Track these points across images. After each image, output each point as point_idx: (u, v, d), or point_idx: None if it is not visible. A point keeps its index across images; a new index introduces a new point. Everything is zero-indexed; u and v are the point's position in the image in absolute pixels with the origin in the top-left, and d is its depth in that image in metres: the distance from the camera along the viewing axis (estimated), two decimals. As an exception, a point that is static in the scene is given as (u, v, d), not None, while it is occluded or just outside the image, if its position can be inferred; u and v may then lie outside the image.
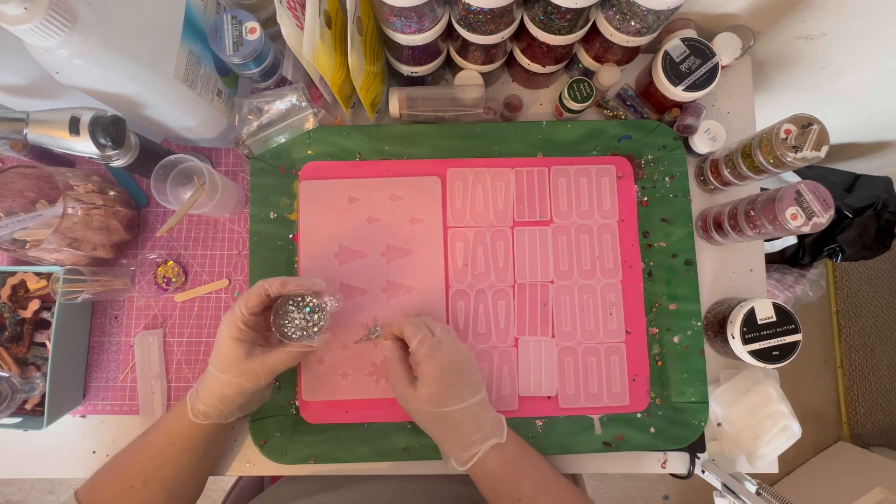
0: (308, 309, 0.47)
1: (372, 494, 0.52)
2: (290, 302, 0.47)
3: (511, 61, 0.58)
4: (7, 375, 0.49)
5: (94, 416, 0.56)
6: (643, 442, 0.53)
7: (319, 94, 0.57)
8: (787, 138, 0.46)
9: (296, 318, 0.47)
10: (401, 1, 0.41)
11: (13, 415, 0.51)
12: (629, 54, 0.55)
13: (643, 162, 0.58)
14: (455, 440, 0.46)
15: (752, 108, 0.62)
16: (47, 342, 0.53)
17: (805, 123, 0.46)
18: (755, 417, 0.53)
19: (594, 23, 0.50)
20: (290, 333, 0.47)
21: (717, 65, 0.52)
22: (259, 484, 0.71)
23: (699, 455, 0.55)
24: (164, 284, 0.57)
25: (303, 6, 0.43)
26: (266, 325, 0.48)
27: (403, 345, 0.48)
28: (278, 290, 0.46)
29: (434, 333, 0.46)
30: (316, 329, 0.47)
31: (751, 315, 0.51)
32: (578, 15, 0.46)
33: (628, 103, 0.59)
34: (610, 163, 0.58)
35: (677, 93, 0.53)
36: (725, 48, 0.55)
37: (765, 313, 0.51)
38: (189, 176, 0.51)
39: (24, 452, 0.56)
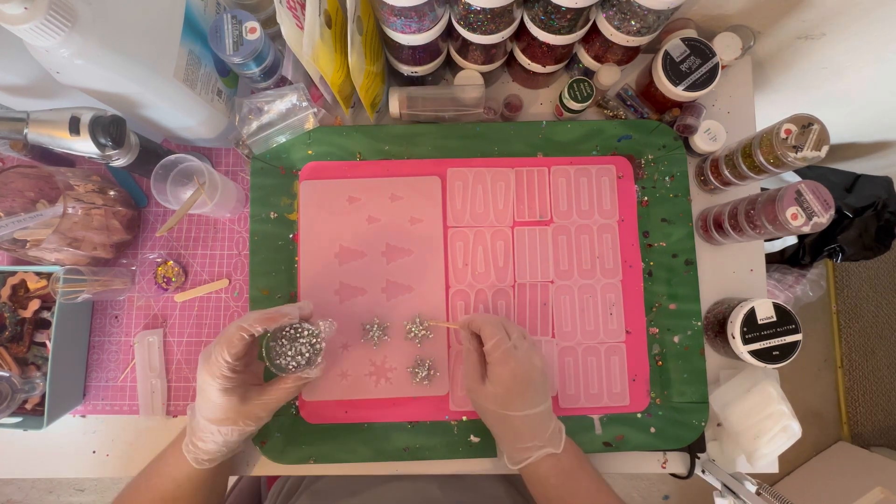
0: (302, 338, 0.44)
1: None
2: (282, 333, 0.43)
3: (511, 61, 0.58)
4: (7, 375, 0.49)
5: (94, 416, 0.56)
6: (643, 442, 0.53)
7: (319, 94, 0.57)
8: (787, 138, 0.46)
9: (289, 351, 0.43)
10: (401, 1, 0.41)
11: (13, 414, 0.51)
12: (629, 54, 0.55)
13: (643, 162, 0.58)
14: (512, 442, 0.46)
15: (753, 108, 0.62)
16: (47, 342, 0.53)
17: (805, 123, 0.46)
18: (755, 417, 0.53)
19: (594, 23, 0.50)
20: (285, 367, 0.43)
21: (717, 65, 0.52)
22: (259, 484, 0.71)
23: (699, 455, 0.55)
24: (164, 284, 0.57)
25: (303, 6, 0.43)
26: (252, 359, 0.46)
27: (478, 338, 0.49)
28: (261, 327, 0.42)
29: (511, 337, 0.46)
30: (311, 358, 0.44)
31: (751, 315, 0.51)
32: (578, 15, 0.46)
33: (628, 103, 0.59)
34: (610, 163, 0.58)
35: (677, 93, 0.53)
36: (725, 48, 0.55)
37: (765, 313, 0.51)
38: (189, 176, 0.51)
39: (24, 452, 0.56)
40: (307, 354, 0.44)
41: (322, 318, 0.46)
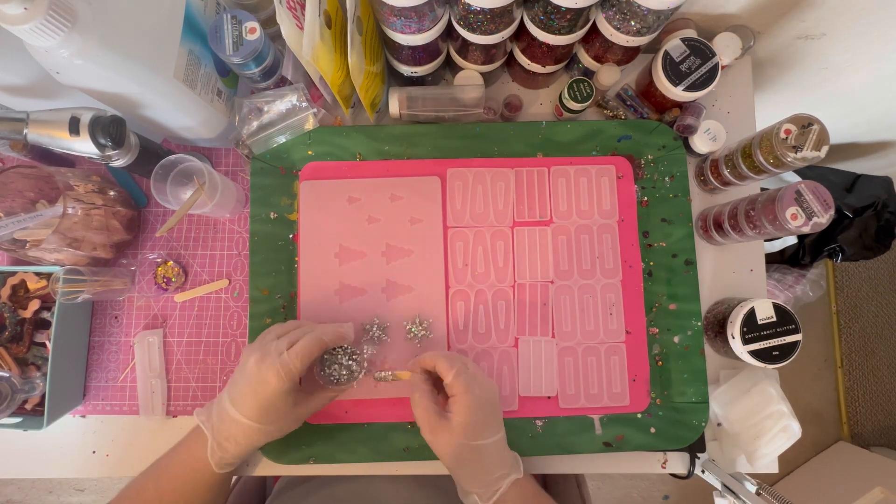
0: (354, 358, 0.49)
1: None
2: (334, 350, 0.49)
3: (511, 61, 0.58)
4: (7, 375, 0.49)
5: (94, 416, 0.56)
6: (643, 442, 0.53)
7: (319, 94, 0.57)
8: (787, 138, 0.46)
9: (342, 366, 0.49)
10: (401, 1, 0.41)
11: (13, 415, 0.51)
12: (629, 54, 0.55)
13: (643, 162, 0.58)
14: (481, 476, 0.44)
15: (753, 108, 0.62)
16: (47, 342, 0.53)
17: (805, 123, 0.46)
18: (755, 417, 0.53)
19: (594, 23, 0.50)
20: (333, 381, 0.49)
21: (717, 65, 0.52)
22: (259, 484, 0.71)
23: (699, 455, 0.55)
24: (164, 284, 0.57)
25: (303, 6, 0.43)
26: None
27: (430, 377, 0.48)
28: (336, 343, 0.47)
29: (467, 366, 0.46)
30: (357, 375, 0.49)
31: (751, 315, 0.51)
32: (578, 15, 0.46)
33: (628, 103, 0.59)
34: (610, 163, 0.58)
35: (677, 93, 0.53)
36: (725, 48, 0.55)
37: (765, 313, 0.51)
38: (189, 176, 0.51)
39: (24, 452, 0.56)
40: (352, 370, 0.49)
41: (365, 342, 0.54)
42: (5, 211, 0.51)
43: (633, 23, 0.47)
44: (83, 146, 0.43)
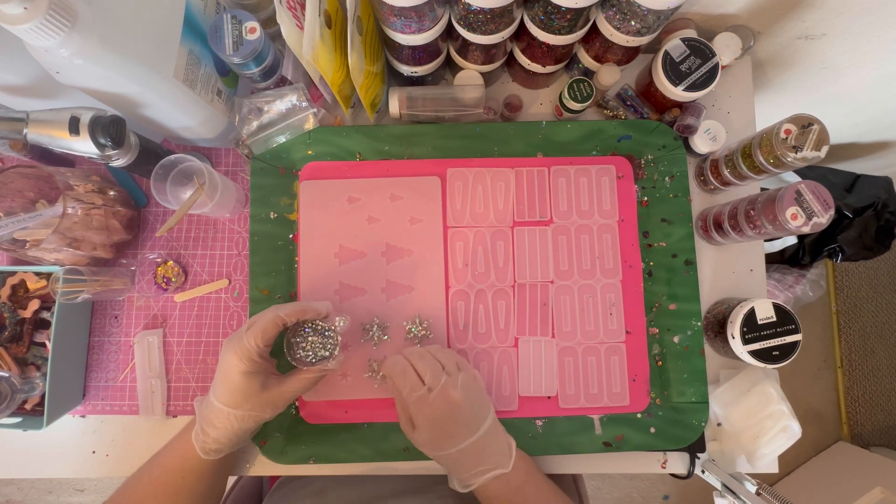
0: (322, 332, 0.47)
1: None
2: (301, 329, 0.46)
3: (511, 61, 0.58)
4: (7, 375, 0.49)
5: (94, 416, 0.56)
6: (643, 442, 0.53)
7: (319, 94, 0.57)
8: (787, 138, 0.46)
9: (311, 344, 0.46)
10: (401, 1, 0.41)
11: (13, 415, 0.51)
12: (629, 54, 0.55)
13: (643, 162, 0.58)
14: (457, 472, 0.46)
15: (752, 108, 0.62)
16: (47, 342, 0.53)
17: (805, 123, 0.46)
18: (755, 417, 0.53)
19: (594, 23, 0.50)
20: (307, 359, 0.46)
21: (717, 65, 0.52)
22: (259, 484, 0.71)
23: (699, 455, 0.55)
24: (163, 284, 0.57)
25: (303, 6, 0.43)
26: (269, 351, 0.47)
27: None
28: (296, 318, 0.45)
29: (424, 379, 0.45)
30: (331, 351, 0.47)
31: (751, 315, 0.51)
32: (578, 15, 0.46)
33: (628, 103, 0.59)
34: (610, 163, 0.58)
35: (677, 93, 0.53)
36: (725, 48, 0.55)
37: (765, 313, 0.51)
38: (189, 176, 0.51)
39: (23, 452, 0.56)
40: (327, 348, 0.47)
41: (338, 315, 0.48)
42: (5, 211, 0.51)
43: (633, 23, 0.47)
44: (83, 146, 0.43)
